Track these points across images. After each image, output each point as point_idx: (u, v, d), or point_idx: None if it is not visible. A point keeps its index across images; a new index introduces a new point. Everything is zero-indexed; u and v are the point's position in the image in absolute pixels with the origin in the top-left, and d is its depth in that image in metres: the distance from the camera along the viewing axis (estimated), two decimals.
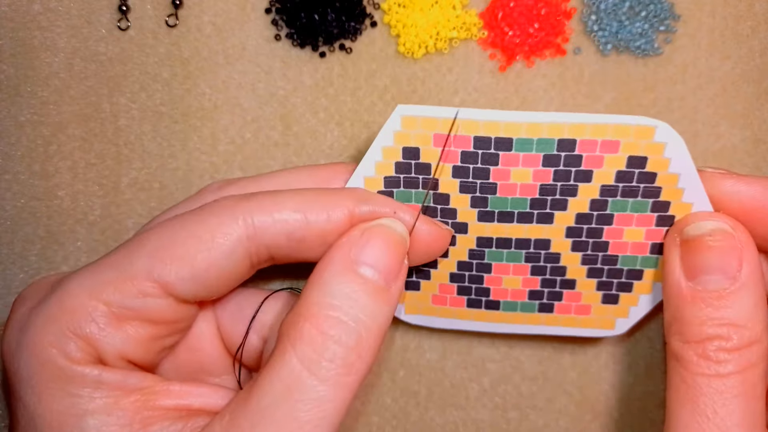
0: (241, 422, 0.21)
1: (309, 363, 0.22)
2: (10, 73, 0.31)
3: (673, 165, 0.26)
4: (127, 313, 0.23)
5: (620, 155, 0.26)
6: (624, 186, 0.26)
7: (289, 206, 0.24)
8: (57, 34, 0.31)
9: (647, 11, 0.31)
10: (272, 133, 0.32)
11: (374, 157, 0.26)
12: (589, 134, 0.25)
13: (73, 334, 0.23)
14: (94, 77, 0.31)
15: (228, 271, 0.24)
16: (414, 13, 0.31)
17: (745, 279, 0.24)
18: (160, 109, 0.31)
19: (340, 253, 0.24)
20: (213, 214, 0.24)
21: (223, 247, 0.24)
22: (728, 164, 0.32)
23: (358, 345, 0.22)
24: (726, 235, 0.25)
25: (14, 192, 0.32)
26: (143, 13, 0.31)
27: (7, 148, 0.31)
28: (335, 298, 0.23)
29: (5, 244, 0.32)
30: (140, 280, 0.23)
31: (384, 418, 0.33)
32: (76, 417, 0.22)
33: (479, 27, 0.31)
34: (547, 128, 0.25)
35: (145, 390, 0.23)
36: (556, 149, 0.25)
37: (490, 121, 0.25)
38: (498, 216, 0.27)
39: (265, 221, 0.24)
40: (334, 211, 0.24)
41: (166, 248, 0.24)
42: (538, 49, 0.31)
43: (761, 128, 0.32)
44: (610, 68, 0.32)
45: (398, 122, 0.25)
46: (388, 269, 0.24)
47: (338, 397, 0.22)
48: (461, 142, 0.25)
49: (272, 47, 0.31)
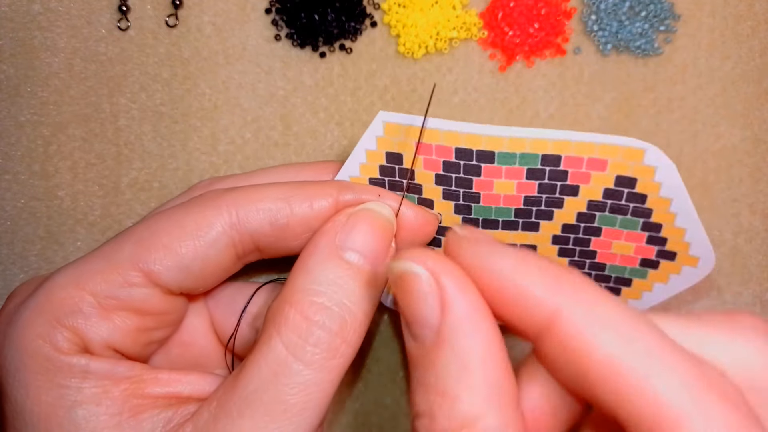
0: (229, 407, 0.22)
1: (294, 348, 0.22)
2: (10, 73, 0.31)
3: (664, 190, 0.25)
4: (113, 303, 0.23)
5: (608, 174, 0.25)
6: (612, 203, 0.26)
7: (272, 195, 0.24)
8: (57, 34, 0.31)
9: (647, 11, 0.31)
10: (272, 133, 0.32)
11: (358, 159, 0.26)
12: (573, 151, 0.24)
13: (60, 324, 0.23)
14: (94, 77, 0.31)
15: (213, 260, 0.24)
16: (414, 13, 0.31)
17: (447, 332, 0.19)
18: (160, 109, 0.31)
19: (325, 238, 0.24)
20: (197, 205, 0.24)
21: (207, 236, 0.24)
22: (728, 164, 0.32)
23: (343, 329, 0.23)
24: (413, 278, 0.19)
25: (14, 192, 0.32)
26: (143, 13, 0.31)
27: (7, 148, 0.31)
28: (320, 284, 0.23)
29: (5, 244, 0.32)
30: (126, 269, 0.23)
31: (384, 418, 0.33)
32: (65, 408, 0.22)
33: (479, 27, 0.31)
34: (530, 143, 0.24)
35: (134, 378, 0.23)
36: (540, 164, 0.25)
37: (471, 134, 0.24)
38: (482, 223, 0.27)
39: (248, 210, 0.24)
40: (318, 200, 0.25)
41: (151, 238, 0.24)
42: (538, 49, 0.31)
43: (761, 128, 0.32)
44: (610, 68, 0.32)
45: (380, 128, 0.25)
46: (374, 253, 0.24)
47: (324, 380, 0.22)
48: (443, 152, 0.25)
49: (272, 47, 0.31)
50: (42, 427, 0.22)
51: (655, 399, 0.17)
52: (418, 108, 0.32)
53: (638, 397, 0.17)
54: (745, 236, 0.33)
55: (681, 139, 0.32)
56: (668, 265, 0.28)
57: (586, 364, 0.18)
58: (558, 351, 0.18)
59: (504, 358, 0.19)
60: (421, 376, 0.20)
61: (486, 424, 0.18)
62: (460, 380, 0.19)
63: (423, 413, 0.19)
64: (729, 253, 0.33)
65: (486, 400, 0.18)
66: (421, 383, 0.20)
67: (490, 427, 0.18)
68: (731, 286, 0.33)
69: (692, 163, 0.32)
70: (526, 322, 0.19)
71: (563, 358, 0.18)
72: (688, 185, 0.33)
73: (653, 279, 0.29)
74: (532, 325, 0.19)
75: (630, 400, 0.17)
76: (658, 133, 0.32)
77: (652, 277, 0.29)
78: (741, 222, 0.33)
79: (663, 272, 0.28)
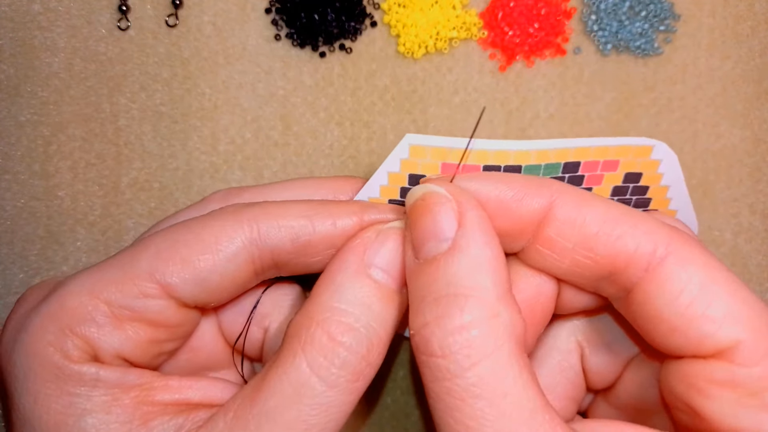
0: (247, 420, 0.21)
1: (319, 369, 0.22)
2: (10, 73, 0.31)
3: (665, 179, 0.27)
4: (127, 314, 0.23)
5: (618, 173, 0.26)
6: (618, 198, 0.27)
7: (294, 212, 0.24)
8: (57, 34, 0.31)
9: (647, 11, 0.31)
10: (272, 133, 0.32)
11: (380, 181, 0.25)
12: (592, 156, 0.25)
13: (72, 332, 0.23)
14: (94, 77, 0.31)
15: (231, 275, 0.24)
16: (414, 13, 0.31)
17: (463, 241, 0.21)
18: (160, 109, 0.31)
19: (353, 255, 0.24)
20: (217, 219, 0.24)
21: (226, 250, 0.24)
22: (728, 164, 0.32)
23: (369, 353, 0.22)
24: (434, 196, 0.22)
25: (14, 192, 0.32)
26: (143, 13, 0.31)
27: (7, 148, 0.31)
28: (348, 303, 0.22)
29: (5, 244, 0.32)
30: (142, 280, 0.23)
31: (384, 418, 0.33)
32: (75, 417, 0.22)
33: (479, 27, 0.31)
34: (555, 154, 0.25)
35: (144, 386, 0.23)
36: (561, 171, 0.26)
37: (501, 151, 0.25)
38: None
39: (270, 226, 0.24)
40: (342, 219, 0.24)
41: (170, 250, 0.23)
42: (538, 49, 0.31)
43: (761, 128, 0.32)
44: (610, 68, 0.32)
45: (406, 150, 0.25)
46: (400, 273, 0.24)
47: (345, 401, 0.22)
48: (470, 172, 0.25)
49: (272, 47, 0.31)
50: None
51: (647, 235, 0.22)
52: (419, 108, 0.32)
53: (635, 236, 0.22)
54: (745, 236, 0.33)
55: (681, 139, 0.32)
56: None
57: (583, 229, 0.23)
58: (557, 230, 0.23)
59: (505, 263, 0.22)
60: (427, 287, 0.21)
61: (502, 320, 0.20)
62: (475, 280, 0.21)
63: (434, 317, 0.21)
64: (729, 253, 0.33)
65: (498, 299, 0.21)
66: (429, 292, 0.21)
67: (505, 321, 0.20)
68: None
69: (692, 163, 0.32)
70: (524, 221, 0.23)
71: (562, 231, 0.23)
72: (688, 185, 0.33)
73: None
74: (530, 221, 0.23)
75: (629, 241, 0.22)
76: (658, 133, 0.32)
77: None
78: (741, 222, 0.33)
79: None
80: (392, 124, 0.32)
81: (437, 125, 0.32)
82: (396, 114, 0.32)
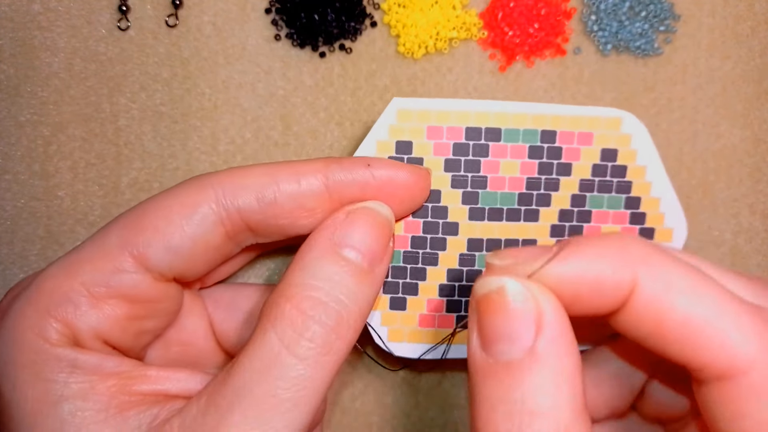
0: (219, 401, 0.21)
1: (288, 342, 0.22)
2: (10, 73, 0.31)
3: (640, 157, 0.28)
4: (103, 291, 0.23)
5: (594, 148, 0.27)
6: (599, 180, 0.28)
7: (258, 172, 0.24)
8: (57, 34, 0.31)
9: (647, 11, 0.31)
10: (272, 133, 0.32)
11: (368, 151, 0.26)
12: (567, 126, 0.27)
13: (50, 315, 0.23)
14: (94, 77, 0.31)
15: (203, 240, 0.24)
16: (414, 13, 0.31)
17: (541, 351, 0.19)
18: (160, 109, 0.31)
19: (323, 235, 0.24)
20: (182, 188, 0.24)
21: (194, 214, 0.24)
22: (728, 164, 0.32)
23: (338, 325, 0.22)
24: (510, 294, 0.20)
25: (14, 192, 0.32)
26: (143, 13, 0.31)
27: (7, 148, 0.31)
28: (317, 279, 0.23)
29: (5, 244, 0.32)
30: (115, 255, 0.23)
31: (384, 418, 0.33)
32: (51, 403, 0.22)
33: (479, 27, 0.31)
34: (532, 119, 0.27)
35: (122, 375, 0.23)
36: (540, 140, 0.27)
37: (481, 112, 0.27)
38: (488, 213, 0.28)
39: (234, 186, 0.24)
40: (306, 176, 0.24)
41: (139, 222, 0.24)
42: (538, 49, 0.31)
43: (761, 128, 0.32)
44: (610, 68, 0.32)
45: (394, 115, 0.26)
46: (372, 252, 0.24)
47: (317, 376, 0.22)
48: (453, 134, 0.27)
49: (272, 47, 0.31)
50: (28, 422, 0.22)
51: (729, 348, 0.19)
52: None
53: (713, 347, 0.19)
54: (745, 236, 0.33)
55: (681, 139, 0.32)
56: None
57: (662, 325, 0.20)
58: (632, 318, 0.20)
59: (582, 371, 0.20)
60: (501, 394, 0.20)
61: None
62: (552, 398, 0.19)
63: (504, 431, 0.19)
64: (729, 253, 0.33)
65: (574, 419, 0.19)
66: (502, 401, 0.19)
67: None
68: None
69: (692, 163, 0.32)
70: (604, 304, 0.20)
71: (638, 322, 0.20)
72: (688, 185, 0.33)
73: None
74: (611, 304, 0.20)
75: (705, 351, 0.19)
76: (658, 133, 0.32)
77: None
78: (741, 222, 0.33)
79: None
80: None
81: None
82: None
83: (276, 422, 0.21)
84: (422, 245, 0.28)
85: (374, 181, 0.25)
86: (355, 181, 0.25)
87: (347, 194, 0.25)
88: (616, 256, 0.20)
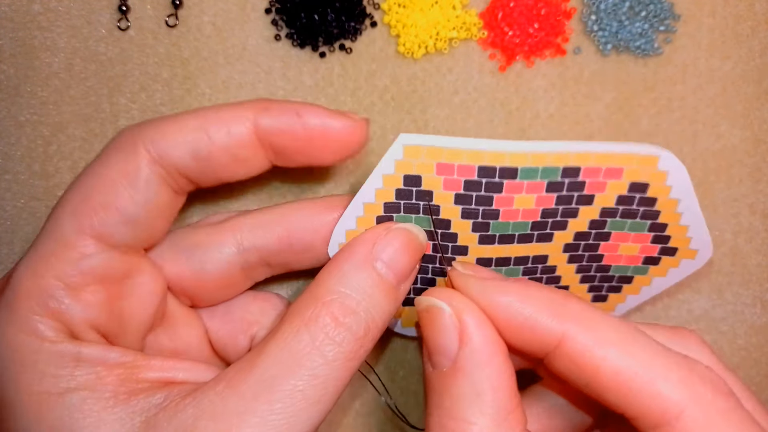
0: (243, 389, 0.22)
1: (320, 344, 0.23)
2: (10, 73, 0.31)
3: (674, 192, 0.25)
4: (78, 280, 0.23)
5: (623, 181, 0.25)
6: (624, 208, 0.26)
7: (188, 126, 0.24)
8: (57, 34, 0.31)
9: (647, 11, 0.31)
10: None
11: (375, 185, 0.25)
12: (593, 162, 0.24)
13: (35, 314, 0.23)
14: (94, 77, 0.31)
15: (154, 203, 0.24)
16: (414, 13, 0.31)
17: (463, 362, 0.22)
18: (160, 109, 0.31)
19: (363, 247, 0.25)
20: (115, 153, 0.24)
21: (137, 181, 0.24)
22: (728, 164, 0.32)
23: (365, 335, 0.23)
24: (437, 312, 0.23)
25: (14, 192, 0.32)
26: (143, 13, 0.31)
27: (7, 148, 0.31)
28: (353, 290, 0.24)
29: (5, 244, 0.32)
30: (76, 242, 0.23)
31: (384, 418, 0.33)
32: (57, 395, 0.22)
33: (479, 27, 0.31)
34: (553, 157, 0.24)
35: (127, 364, 0.23)
36: (561, 176, 0.25)
37: (496, 152, 0.24)
38: (499, 239, 0.26)
39: (167, 146, 0.24)
40: (235, 125, 0.24)
41: (85, 201, 0.24)
42: (538, 49, 0.31)
43: (761, 128, 0.32)
44: (610, 68, 0.32)
45: (400, 151, 0.24)
46: (402, 271, 0.25)
47: (340, 378, 0.23)
48: (464, 172, 0.24)
49: (272, 47, 0.31)
50: (32, 416, 0.22)
51: (659, 397, 0.21)
52: (419, 108, 0.32)
53: (644, 397, 0.21)
54: (745, 236, 0.33)
55: (681, 139, 0.32)
56: (668, 260, 0.28)
57: (595, 376, 0.21)
58: (566, 366, 0.22)
59: (513, 387, 0.22)
60: (436, 401, 0.22)
61: None
62: (473, 406, 0.21)
63: None
64: (729, 253, 0.33)
65: (497, 425, 0.21)
66: (437, 407, 0.22)
67: None
68: (731, 286, 0.33)
69: (692, 163, 0.32)
70: (534, 346, 0.22)
71: (572, 371, 0.22)
72: None
73: (653, 274, 0.29)
74: (540, 347, 0.22)
75: (637, 400, 0.21)
76: (658, 133, 0.32)
77: (652, 272, 0.29)
78: (741, 222, 0.33)
79: (663, 267, 0.29)
80: (392, 124, 0.32)
81: (437, 125, 0.32)
82: (396, 114, 0.32)
83: (301, 415, 0.22)
84: (431, 261, 0.27)
85: (304, 131, 0.25)
86: (283, 130, 0.25)
87: (277, 143, 0.25)
88: (552, 305, 0.22)
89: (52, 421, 0.22)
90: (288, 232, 0.27)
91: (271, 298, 0.29)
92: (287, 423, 0.21)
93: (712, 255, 0.28)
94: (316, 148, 0.25)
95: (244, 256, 0.27)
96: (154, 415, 0.22)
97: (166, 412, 0.22)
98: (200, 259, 0.26)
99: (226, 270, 0.27)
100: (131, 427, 0.22)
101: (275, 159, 0.26)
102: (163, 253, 0.26)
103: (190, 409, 0.22)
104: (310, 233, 0.27)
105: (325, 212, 0.27)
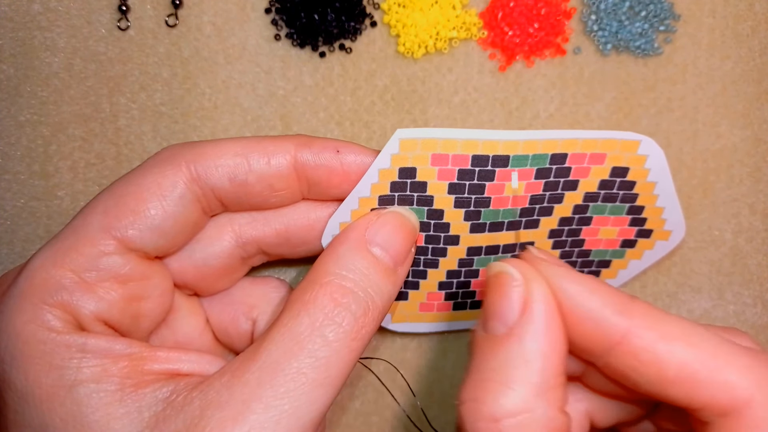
0: (247, 377, 0.22)
1: (320, 325, 0.23)
2: (10, 73, 0.31)
3: (651, 174, 0.27)
4: (94, 276, 0.24)
5: (605, 166, 0.26)
6: (605, 192, 0.27)
7: (231, 151, 0.25)
8: (57, 34, 0.31)
9: (647, 11, 0.31)
10: (272, 133, 0.32)
11: (371, 179, 0.26)
12: (580, 148, 0.26)
13: (47, 304, 0.23)
14: (94, 77, 0.31)
15: (182, 217, 0.25)
16: (414, 13, 0.31)
17: (520, 329, 0.22)
18: (160, 109, 0.31)
19: (355, 231, 0.25)
20: (155, 166, 0.25)
21: (172, 195, 0.24)
22: (728, 164, 0.32)
23: (365, 315, 0.24)
24: (507, 278, 0.23)
25: (14, 192, 0.32)
26: (143, 13, 0.31)
27: (7, 148, 0.31)
28: (349, 270, 0.24)
29: (5, 244, 0.32)
30: (99, 240, 0.24)
31: (384, 418, 0.33)
32: (66, 388, 0.22)
33: (479, 27, 0.31)
34: (543, 145, 0.25)
35: (133, 356, 0.23)
36: (549, 163, 0.26)
37: (490, 141, 0.25)
38: (489, 227, 0.27)
39: (208, 166, 0.25)
40: (276, 156, 0.25)
41: (118, 204, 0.24)
42: (538, 49, 0.31)
43: (761, 128, 0.32)
44: (610, 68, 0.32)
45: (396, 146, 0.25)
46: (397, 252, 0.25)
47: (343, 359, 0.23)
48: (459, 161, 0.25)
49: (272, 47, 0.31)
50: (44, 408, 0.22)
51: (726, 385, 0.21)
52: (419, 108, 0.32)
53: (711, 387, 0.21)
54: (745, 236, 0.33)
55: (681, 139, 0.32)
56: (644, 243, 0.30)
57: (660, 371, 0.21)
58: (629, 363, 0.22)
59: (561, 366, 0.22)
60: (480, 362, 0.22)
61: (535, 416, 0.21)
62: (518, 371, 0.21)
63: (472, 398, 0.22)
64: (729, 253, 0.33)
65: (537, 396, 0.21)
66: (478, 369, 0.22)
67: (538, 418, 0.21)
68: (731, 286, 0.33)
69: (692, 163, 0.32)
70: (595, 340, 0.22)
71: (634, 368, 0.22)
72: (689, 185, 0.33)
73: (629, 257, 0.30)
74: (601, 342, 0.22)
75: (704, 391, 0.21)
76: (658, 133, 0.32)
77: (629, 255, 0.30)
78: (741, 222, 0.33)
79: (638, 250, 0.30)
80: (392, 124, 0.32)
81: (437, 125, 0.32)
82: (396, 114, 0.32)
83: (305, 399, 0.22)
84: (424, 253, 0.28)
85: (341, 168, 0.26)
86: (322, 165, 0.26)
87: (314, 177, 0.26)
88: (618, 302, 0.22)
89: (63, 415, 0.22)
90: (286, 226, 0.27)
91: (271, 281, 0.30)
92: (291, 407, 0.22)
93: (684, 235, 0.29)
94: (351, 182, 0.26)
95: (244, 248, 0.27)
96: (163, 410, 0.22)
97: (173, 406, 0.22)
98: (202, 255, 0.27)
99: (227, 262, 0.27)
100: (140, 422, 0.22)
101: (308, 192, 0.27)
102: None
103: (197, 402, 0.22)
104: (307, 228, 0.27)
105: (322, 207, 0.27)
